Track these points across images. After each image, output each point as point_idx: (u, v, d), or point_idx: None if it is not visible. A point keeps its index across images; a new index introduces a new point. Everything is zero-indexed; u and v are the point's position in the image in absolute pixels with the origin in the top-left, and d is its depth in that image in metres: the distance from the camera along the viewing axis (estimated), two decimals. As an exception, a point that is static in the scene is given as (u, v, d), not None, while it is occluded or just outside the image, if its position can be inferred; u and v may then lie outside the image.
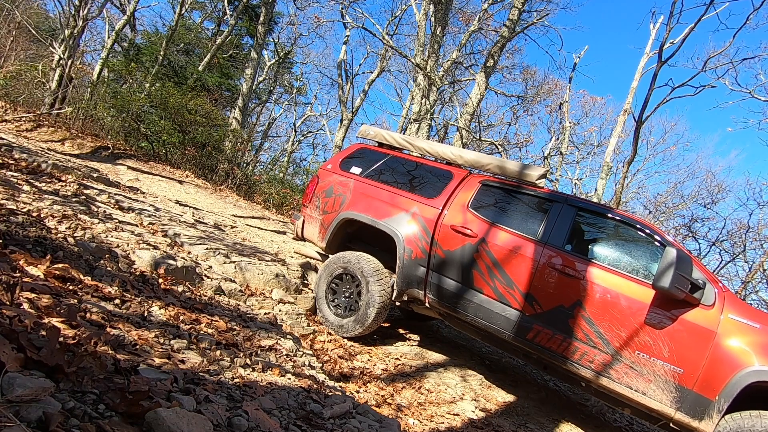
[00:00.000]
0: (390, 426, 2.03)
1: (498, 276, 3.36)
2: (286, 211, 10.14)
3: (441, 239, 3.63)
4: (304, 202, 4.51)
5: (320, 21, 16.88)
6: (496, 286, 3.36)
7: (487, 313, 3.38)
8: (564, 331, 3.09)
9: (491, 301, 3.37)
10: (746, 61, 10.87)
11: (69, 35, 10.33)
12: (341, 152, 4.65)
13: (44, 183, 3.79)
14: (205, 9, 19.54)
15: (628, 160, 11.06)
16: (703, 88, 11.09)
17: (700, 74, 10.82)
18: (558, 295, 3.14)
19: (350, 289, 3.91)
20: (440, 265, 3.63)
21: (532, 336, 3.19)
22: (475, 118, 14.39)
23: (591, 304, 3.03)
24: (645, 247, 3.20)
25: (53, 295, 1.72)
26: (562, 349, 3.09)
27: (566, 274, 3.14)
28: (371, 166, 4.28)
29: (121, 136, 9.92)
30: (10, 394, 0.99)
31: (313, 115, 27.97)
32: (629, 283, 2.99)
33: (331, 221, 4.13)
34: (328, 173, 4.41)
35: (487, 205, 3.68)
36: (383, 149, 4.48)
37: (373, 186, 4.10)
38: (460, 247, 3.53)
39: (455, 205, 3.71)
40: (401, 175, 4.19)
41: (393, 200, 3.93)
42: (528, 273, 3.25)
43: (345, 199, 4.13)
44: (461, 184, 3.86)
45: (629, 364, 2.90)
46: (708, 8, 9.45)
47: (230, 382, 1.80)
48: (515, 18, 10.88)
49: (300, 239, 4.58)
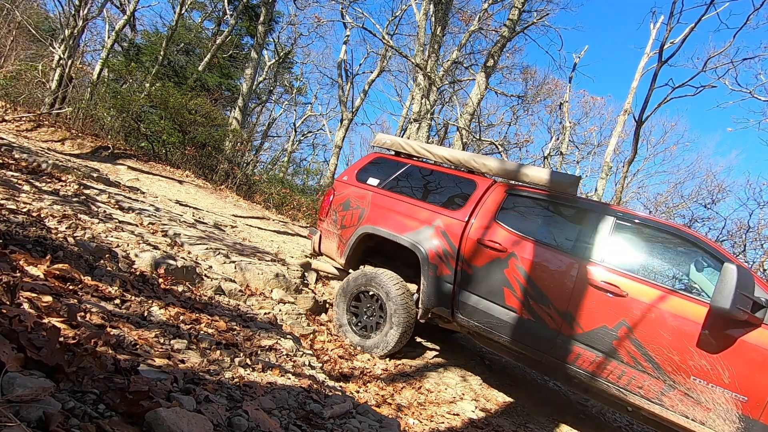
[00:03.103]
0: (390, 426, 2.03)
1: (531, 293, 3.11)
2: (286, 211, 10.14)
3: (468, 254, 3.40)
4: (320, 215, 4.33)
5: (320, 21, 16.90)
6: (529, 304, 3.11)
7: (521, 333, 3.13)
8: (609, 354, 2.83)
9: (525, 320, 3.12)
10: (746, 61, 10.88)
11: (69, 35, 10.33)
12: (357, 163, 4.45)
13: (44, 183, 3.79)
14: (205, 9, 19.54)
15: (629, 160, 11.06)
16: (704, 88, 11.09)
17: (700, 74, 10.82)
18: (600, 314, 2.87)
19: (372, 307, 3.72)
20: (468, 281, 3.39)
21: (572, 358, 2.94)
22: (475, 118, 14.39)
23: (638, 325, 2.75)
24: (696, 261, 2.95)
25: (53, 295, 1.72)
26: (606, 374, 2.83)
27: (608, 291, 2.87)
28: (389, 177, 4.08)
29: (121, 136, 9.92)
30: (10, 394, 0.99)
31: (313, 115, 28.00)
32: (681, 301, 2.72)
33: (349, 236, 3.94)
34: (345, 185, 4.21)
35: (515, 216, 3.45)
36: (400, 158, 4.27)
37: (393, 198, 3.90)
38: (489, 263, 3.30)
39: (481, 217, 3.48)
40: (421, 186, 3.98)
41: (414, 213, 3.73)
42: (565, 290, 3.00)
43: (363, 212, 3.94)
44: (486, 194, 3.62)
45: (684, 390, 2.63)
46: (708, 8, 9.45)
47: (230, 382, 1.80)
48: (515, 18, 10.88)
49: (317, 254, 4.38)
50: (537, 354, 3.10)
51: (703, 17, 9.69)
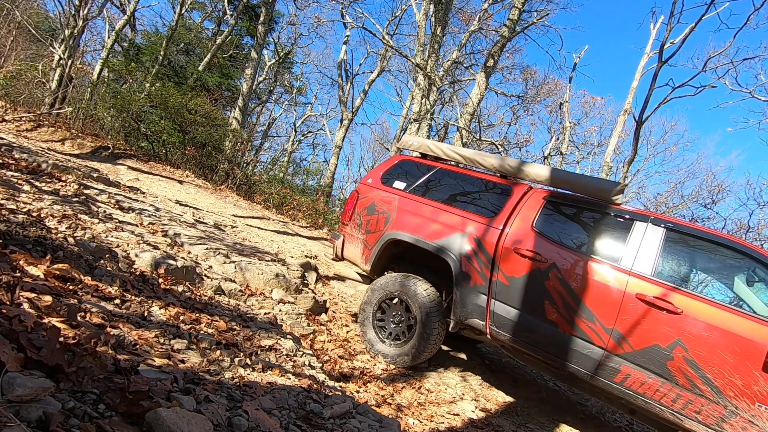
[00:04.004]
0: (390, 426, 2.03)
1: (575, 307, 2.93)
2: (286, 211, 10.14)
3: (503, 264, 3.23)
4: (343, 219, 4.18)
5: (320, 21, 16.89)
6: (572, 319, 2.93)
7: (563, 349, 2.95)
8: (662, 375, 2.65)
9: (568, 336, 2.95)
10: (746, 61, 10.91)
11: (69, 35, 10.33)
12: (381, 165, 4.27)
13: (44, 183, 3.79)
14: (205, 9, 19.54)
15: (629, 160, 11.07)
16: (704, 88, 11.11)
17: (700, 74, 10.84)
18: (652, 332, 2.69)
19: (400, 315, 3.61)
20: (504, 292, 3.22)
21: (620, 378, 2.77)
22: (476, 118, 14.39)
23: (694, 345, 2.58)
24: (757, 276, 2.80)
25: (53, 295, 1.72)
26: (659, 396, 2.66)
27: (660, 307, 2.70)
28: (416, 181, 3.92)
29: (121, 136, 9.93)
30: (10, 394, 0.99)
31: (313, 115, 28.02)
32: (744, 321, 2.54)
33: (375, 241, 3.81)
34: (369, 188, 4.05)
35: (555, 225, 3.28)
36: (427, 161, 4.11)
37: (421, 202, 3.74)
38: (527, 274, 3.13)
39: (518, 225, 3.31)
40: (451, 191, 3.80)
41: (444, 219, 3.56)
42: (612, 305, 2.83)
43: (390, 217, 3.79)
44: (522, 201, 3.45)
45: (748, 417, 2.46)
46: (708, 8, 9.45)
47: (230, 382, 1.80)
48: (515, 18, 10.88)
49: (339, 260, 4.24)
50: (580, 372, 2.91)
51: (703, 17, 9.70)
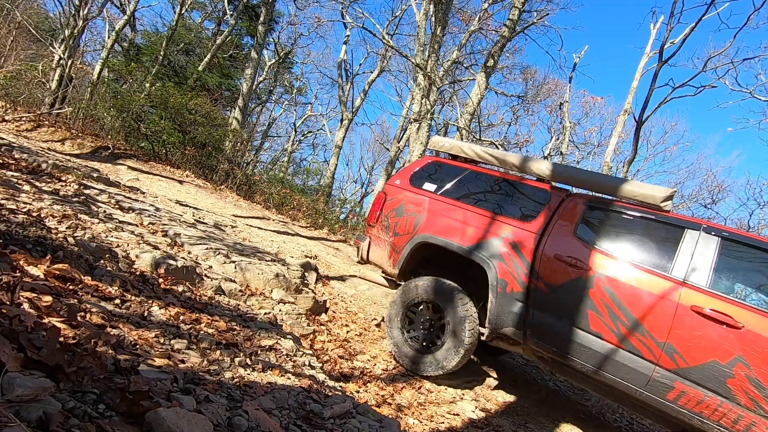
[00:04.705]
0: (390, 426, 2.03)
1: (622, 319, 2.79)
2: (286, 211, 10.14)
3: (543, 271, 3.11)
4: (369, 221, 4.06)
5: (320, 21, 16.90)
6: (620, 330, 2.79)
7: (609, 363, 2.82)
8: (721, 394, 2.50)
9: (614, 348, 2.81)
10: (747, 61, 10.92)
11: (69, 35, 10.33)
12: (410, 166, 4.14)
13: (44, 183, 3.79)
14: (205, 9, 19.54)
15: (629, 160, 11.07)
16: (704, 88, 11.12)
17: (700, 74, 10.86)
18: (709, 347, 2.54)
19: (430, 321, 3.50)
20: (543, 301, 3.09)
21: (673, 396, 2.63)
22: (476, 117, 14.39)
23: (758, 362, 2.42)
24: None
25: (53, 295, 1.72)
26: (718, 417, 2.51)
27: (719, 321, 2.55)
28: (447, 182, 3.80)
29: (121, 136, 9.92)
30: (10, 394, 0.99)
31: (313, 115, 28.02)
32: None
33: (404, 244, 3.68)
34: (397, 190, 3.93)
35: (597, 232, 3.14)
36: (458, 163, 4.00)
37: (453, 205, 3.61)
38: (569, 282, 3.01)
39: (558, 231, 3.20)
40: (484, 193, 3.68)
41: (478, 222, 3.44)
42: (664, 317, 2.69)
43: (419, 219, 3.67)
44: (562, 206, 3.34)
45: None
46: (708, 8, 9.46)
47: (230, 382, 1.80)
48: (515, 18, 10.87)
49: (365, 262, 4.11)
50: (628, 388, 2.79)
51: (703, 17, 9.71)
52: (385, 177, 18.64)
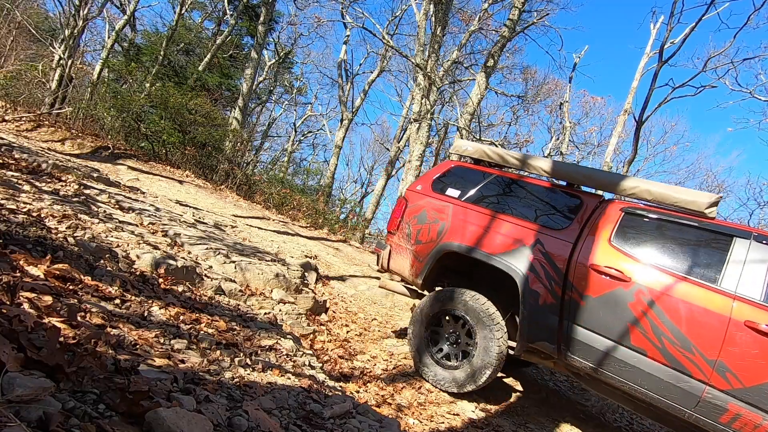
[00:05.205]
0: (390, 426, 2.03)
1: (667, 334, 2.62)
2: (286, 211, 10.14)
3: (578, 281, 2.95)
4: (389, 228, 3.91)
5: (320, 21, 16.90)
6: (665, 347, 2.62)
7: (654, 381, 2.65)
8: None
9: (659, 366, 2.64)
10: (747, 61, 10.93)
11: (69, 35, 10.34)
12: (432, 171, 3.99)
13: (44, 183, 3.79)
14: (205, 9, 19.55)
15: (629, 160, 11.08)
16: (704, 88, 11.13)
17: (700, 74, 10.87)
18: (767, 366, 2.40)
19: (456, 334, 3.36)
20: (579, 313, 2.92)
21: (727, 419, 2.47)
22: (476, 117, 14.40)
23: None
24: None
25: (53, 295, 1.72)
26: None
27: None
28: (472, 188, 3.65)
29: (121, 136, 9.93)
30: (10, 394, 0.99)
31: (313, 115, 28.03)
32: None
33: (427, 253, 3.54)
34: (419, 195, 3.79)
35: (636, 240, 2.96)
36: (483, 167, 3.84)
37: (479, 212, 3.46)
38: (607, 293, 2.84)
39: (592, 239, 3.03)
40: (511, 199, 3.52)
41: (506, 230, 3.29)
42: (714, 333, 2.52)
43: (443, 226, 3.52)
44: (596, 212, 3.18)
45: None
46: (708, 8, 9.47)
47: (230, 381, 1.80)
48: (515, 18, 10.87)
49: (385, 271, 3.97)
50: (675, 409, 2.62)
51: (703, 17, 9.71)
52: (386, 177, 18.66)
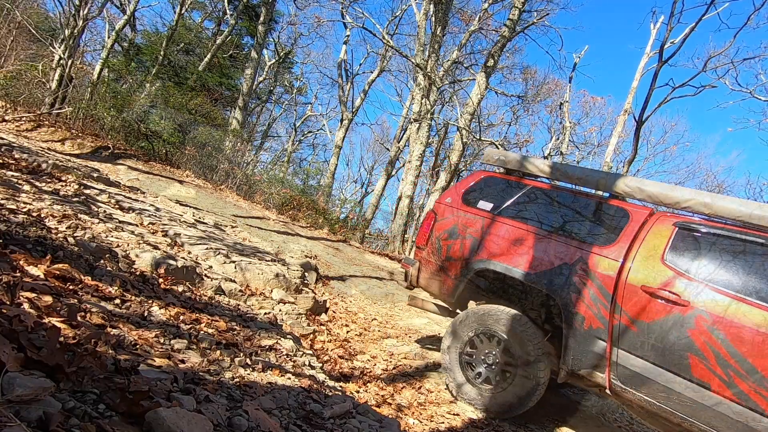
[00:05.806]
0: (390, 426, 2.03)
1: (735, 367, 2.35)
2: (286, 211, 10.14)
3: (627, 304, 2.70)
4: (418, 243, 3.73)
5: (320, 21, 16.91)
6: (733, 381, 2.36)
7: (721, 420, 2.39)
8: None
9: (726, 402, 2.38)
10: (747, 61, 10.95)
11: (69, 35, 10.33)
12: (462, 182, 3.78)
13: (44, 183, 3.79)
14: (205, 9, 19.55)
15: (629, 160, 11.07)
16: (704, 88, 11.12)
17: (700, 74, 10.86)
18: None
19: (494, 356, 3.12)
20: (631, 340, 2.67)
21: None
22: (476, 117, 14.39)
23: None
24: None
25: (53, 295, 1.72)
26: None
27: None
28: (506, 201, 3.44)
29: (121, 136, 9.93)
30: (10, 394, 0.99)
31: (313, 115, 28.03)
32: None
33: (459, 270, 3.36)
34: (449, 209, 3.59)
35: (695, 259, 2.66)
36: (516, 178, 3.61)
37: (515, 226, 3.25)
38: (663, 318, 2.58)
39: (644, 257, 2.76)
40: (550, 213, 3.28)
41: (545, 246, 3.06)
42: None
43: (476, 242, 3.33)
44: (645, 227, 2.92)
45: None
46: (708, 8, 9.46)
47: (230, 381, 1.80)
48: (515, 18, 10.88)
49: (413, 287, 3.79)
50: None
51: (703, 17, 9.70)
52: (386, 177, 18.65)
